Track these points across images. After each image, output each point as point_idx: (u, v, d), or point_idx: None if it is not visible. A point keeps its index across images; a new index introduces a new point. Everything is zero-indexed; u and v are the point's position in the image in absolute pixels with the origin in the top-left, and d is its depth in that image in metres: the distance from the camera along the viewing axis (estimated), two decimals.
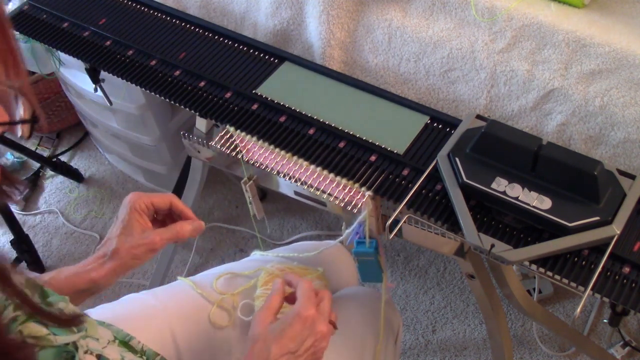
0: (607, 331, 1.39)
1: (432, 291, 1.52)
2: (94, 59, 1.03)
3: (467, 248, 0.83)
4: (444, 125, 0.87)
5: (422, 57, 0.93)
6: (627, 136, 0.81)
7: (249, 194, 0.97)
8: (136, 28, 1.06)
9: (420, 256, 1.58)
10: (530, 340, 1.41)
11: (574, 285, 0.71)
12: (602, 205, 0.73)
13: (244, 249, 1.66)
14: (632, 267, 0.71)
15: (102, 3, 1.11)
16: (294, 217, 1.69)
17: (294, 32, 1.03)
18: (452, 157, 0.79)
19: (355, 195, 0.82)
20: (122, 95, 1.41)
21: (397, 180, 0.82)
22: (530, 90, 0.86)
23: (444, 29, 0.91)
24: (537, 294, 1.45)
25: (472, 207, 0.77)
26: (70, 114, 1.91)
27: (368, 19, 0.96)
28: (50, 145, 1.96)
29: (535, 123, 0.87)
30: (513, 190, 0.75)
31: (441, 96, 0.93)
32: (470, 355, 1.41)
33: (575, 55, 0.83)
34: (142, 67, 1.00)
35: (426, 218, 0.78)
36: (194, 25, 1.05)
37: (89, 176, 1.88)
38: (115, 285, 1.61)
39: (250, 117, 0.91)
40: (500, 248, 0.73)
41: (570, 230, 0.72)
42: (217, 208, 1.75)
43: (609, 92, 0.81)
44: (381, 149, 0.85)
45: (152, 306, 0.85)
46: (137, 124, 1.52)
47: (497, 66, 0.87)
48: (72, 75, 1.51)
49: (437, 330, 1.45)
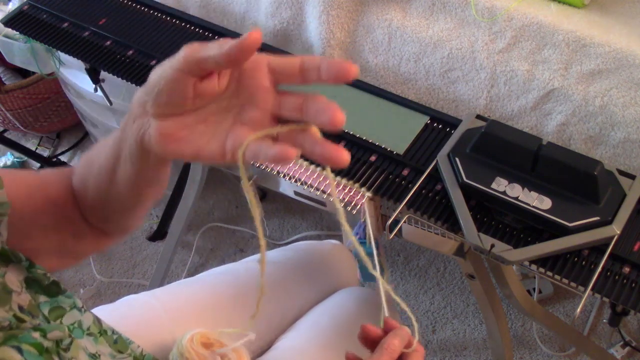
0: (607, 331, 1.39)
1: (432, 291, 1.52)
2: (94, 59, 1.03)
3: (467, 248, 0.83)
4: (444, 125, 0.87)
5: (422, 57, 0.93)
6: (627, 136, 0.81)
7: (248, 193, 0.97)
8: (136, 28, 1.06)
9: (420, 256, 1.58)
10: (530, 340, 1.41)
11: (574, 285, 0.71)
12: (602, 205, 0.73)
13: (244, 249, 1.66)
14: (632, 267, 0.71)
15: (102, 3, 1.11)
16: (294, 217, 1.69)
17: (294, 32, 1.03)
18: (452, 157, 0.79)
19: (355, 195, 0.82)
20: (122, 95, 1.41)
21: (397, 180, 0.82)
22: (530, 90, 0.86)
23: (444, 29, 0.91)
24: (537, 294, 1.45)
25: (472, 207, 0.77)
26: (70, 114, 1.91)
27: (368, 19, 0.96)
28: (50, 145, 1.96)
29: (535, 123, 0.87)
30: (513, 190, 0.75)
31: (441, 96, 0.93)
32: (470, 355, 1.41)
33: (575, 55, 0.83)
34: (142, 67, 1.00)
35: (426, 218, 0.78)
36: (194, 25, 1.05)
37: None
38: (115, 285, 1.62)
39: None
40: (500, 248, 0.73)
41: (570, 230, 0.72)
42: (217, 208, 1.75)
43: (609, 92, 0.81)
44: (381, 149, 0.85)
45: (153, 308, 0.85)
46: None
47: (497, 66, 0.87)
48: (72, 75, 1.51)
49: (437, 330, 1.45)
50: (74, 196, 0.63)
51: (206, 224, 1.70)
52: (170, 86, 0.46)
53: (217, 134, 0.48)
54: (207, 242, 1.68)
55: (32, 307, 0.54)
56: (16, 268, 0.55)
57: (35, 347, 0.48)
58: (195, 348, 0.73)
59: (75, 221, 0.63)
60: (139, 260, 1.66)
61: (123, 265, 1.65)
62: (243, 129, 0.47)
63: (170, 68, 0.46)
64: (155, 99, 0.47)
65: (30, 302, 0.54)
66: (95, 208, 0.62)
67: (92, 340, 0.61)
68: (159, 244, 1.68)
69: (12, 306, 0.51)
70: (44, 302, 0.58)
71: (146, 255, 1.67)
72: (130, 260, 1.66)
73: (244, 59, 0.44)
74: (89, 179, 0.60)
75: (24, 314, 0.52)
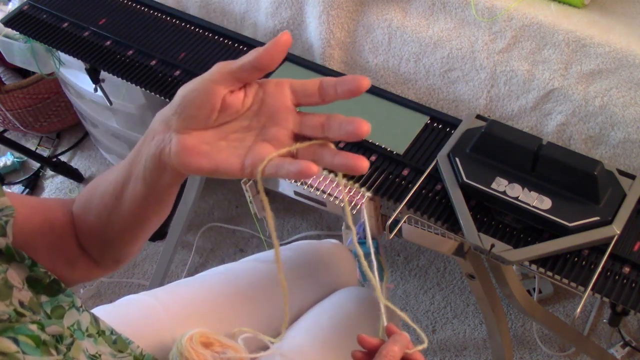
0: (607, 331, 1.39)
1: (432, 291, 1.52)
2: (94, 59, 1.03)
3: (467, 248, 0.83)
4: (444, 125, 0.87)
5: (422, 57, 0.93)
6: (627, 136, 0.81)
7: (249, 194, 0.97)
8: (136, 28, 1.06)
9: (420, 256, 1.58)
10: (530, 340, 1.41)
11: (574, 285, 0.71)
12: (602, 205, 0.73)
13: (244, 249, 1.66)
14: (632, 267, 0.71)
15: (102, 3, 1.11)
16: (294, 217, 1.69)
17: (294, 32, 1.03)
18: (452, 157, 0.79)
19: (355, 195, 0.82)
20: (122, 95, 1.41)
21: (397, 180, 0.82)
22: (530, 90, 0.86)
23: (444, 29, 0.91)
24: (537, 294, 1.45)
25: (472, 207, 0.77)
26: (70, 114, 1.91)
27: (368, 19, 0.96)
28: (50, 145, 1.96)
29: (535, 123, 0.87)
30: (513, 190, 0.75)
31: (441, 96, 0.93)
32: (470, 355, 1.41)
33: (575, 55, 0.83)
34: (142, 67, 1.00)
35: (426, 218, 0.78)
36: (194, 25, 1.05)
37: (89, 176, 1.88)
38: (114, 285, 1.62)
39: None
40: (500, 248, 0.73)
41: (570, 230, 0.72)
42: (217, 208, 1.75)
43: (609, 92, 0.81)
44: (381, 149, 0.85)
45: (153, 308, 0.85)
46: (137, 124, 1.52)
47: (497, 66, 0.87)
48: (72, 75, 1.51)
49: (437, 330, 1.45)
50: (73, 223, 0.64)
51: (206, 224, 1.71)
52: (202, 97, 0.50)
53: (237, 150, 0.51)
54: (207, 242, 1.68)
55: (33, 303, 0.55)
56: (18, 266, 0.55)
57: (32, 339, 0.49)
58: (194, 347, 0.73)
59: (70, 248, 0.64)
60: (139, 260, 1.66)
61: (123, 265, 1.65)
62: (265, 146, 0.51)
63: (202, 80, 0.50)
64: (183, 111, 0.51)
65: (31, 299, 0.55)
66: (94, 234, 0.63)
67: (92, 342, 0.62)
68: (159, 244, 1.69)
69: (12, 301, 0.51)
70: (45, 302, 0.58)
71: (146, 255, 1.67)
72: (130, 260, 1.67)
73: (278, 58, 0.49)
74: (92, 202, 0.61)
75: (25, 309, 0.52)
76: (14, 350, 0.46)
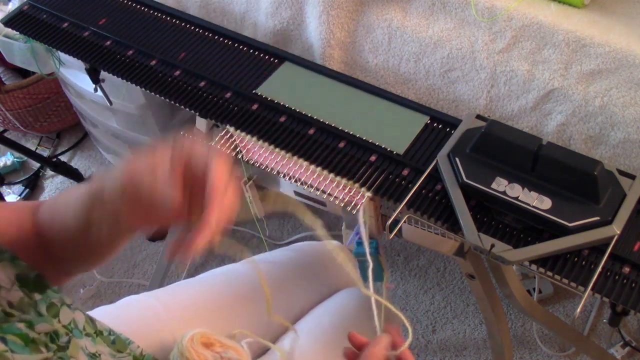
0: (607, 331, 1.39)
1: (432, 291, 1.52)
2: (94, 59, 1.03)
3: (467, 248, 0.83)
4: (444, 125, 0.87)
5: (422, 57, 0.93)
6: (627, 136, 0.81)
7: (249, 194, 0.97)
8: (136, 28, 1.06)
9: (420, 256, 1.58)
10: (530, 340, 1.41)
11: (574, 285, 0.71)
12: (602, 205, 0.73)
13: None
14: (632, 267, 0.71)
15: (102, 3, 1.11)
16: (294, 217, 1.69)
17: (294, 32, 1.03)
18: (452, 157, 0.79)
19: (355, 195, 0.82)
20: (122, 95, 1.41)
21: (397, 180, 0.82)
22: (530, 90, 0.86)
23: (444, 29, 0.91)
24: (537, 294, 1.45)
25: (472, 207, 0.77)
26: (70, 114, 1.91)
27: (368, 19, 0.96)
28: (50, 145, 1.96)
29: (535, 123, 0.87)
30: (513, 190, 0.75)
31: (441, 96, 0.93)
32: (470, 355, 1.41)
33: (575, 55, 0.83)
34: (142, 67, 1.00)
35: (426, 218, 0.78)
36: (194, 25, 1.05)
37: (89, 176, 1.88)
38: (114, 285, 1.62)
39: (250, 117, 0.91)
40: (500, 248, 0.73)
41: (570, 230, 0.72)
42: None
43: (609, 92, 0.81)
44: (381, 149, 0.85)
45: (153, 308, 0.85)
46: (137, 124, 1.52)
47: (497, 66, 0.87)
48: (72, 75, 1.51)
49: (437, 330, 1.45)
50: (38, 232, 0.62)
51: None
52: None
53: None
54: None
55: (23, 304, 0.54)
56: (5, 265, 0.55)
57: (20, 338, 0.49)
58: (195, 348, 0.73)
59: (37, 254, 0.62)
60: (139, 260, 1.66)
61: (123, 265, 1.65)
62: None
63: None
64: None
65: (21, 299, 0.54)
66: (65, 248, 0.61)
67: (90, 341, 0.61)
68: (159, 244, 1.69)
69: (0, 302, 0.51)
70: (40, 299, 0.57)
71: (146, 255, 1.67)
72: (130, 260, 1.66)
73: None
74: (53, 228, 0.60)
75: (14, 309, 0.52)
76: (3, 349, 0.47)
